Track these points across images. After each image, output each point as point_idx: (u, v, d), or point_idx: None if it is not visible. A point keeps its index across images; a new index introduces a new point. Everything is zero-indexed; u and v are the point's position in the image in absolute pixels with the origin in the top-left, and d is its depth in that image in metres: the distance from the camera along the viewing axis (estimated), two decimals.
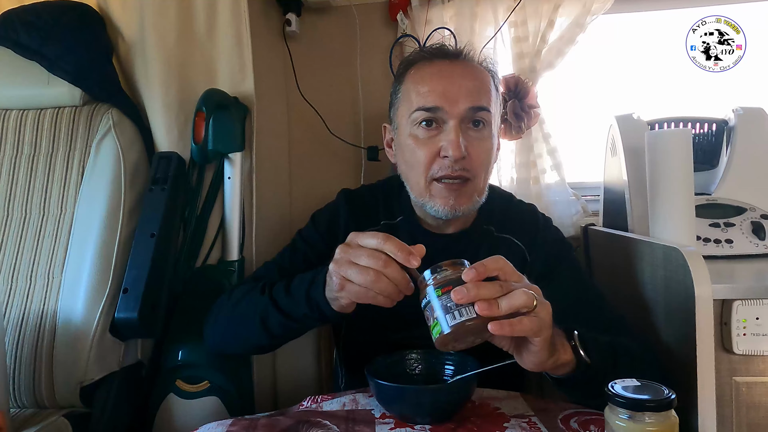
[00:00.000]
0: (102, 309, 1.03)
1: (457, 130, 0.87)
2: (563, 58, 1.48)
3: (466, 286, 0.62)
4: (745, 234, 1.23)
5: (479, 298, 0.62)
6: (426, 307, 0.66)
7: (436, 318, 0.64)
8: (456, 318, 0.62)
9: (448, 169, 0.88)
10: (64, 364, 1.01)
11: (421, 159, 0.90)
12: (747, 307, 0.93)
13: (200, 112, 1.15)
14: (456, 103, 0.88)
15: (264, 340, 0.91)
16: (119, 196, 1.11)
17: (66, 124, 1.19)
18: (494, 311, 0.61)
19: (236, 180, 1.20)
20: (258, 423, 0.78)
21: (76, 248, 1.08)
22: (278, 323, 0.86)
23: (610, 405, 0.56)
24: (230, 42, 1.22)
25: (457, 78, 0.89)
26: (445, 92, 0.88)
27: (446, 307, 0.63)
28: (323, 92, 1.57)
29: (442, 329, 0.63)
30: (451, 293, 0.62)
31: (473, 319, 0.62)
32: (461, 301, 0.62)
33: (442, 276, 0.65)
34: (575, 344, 0.71)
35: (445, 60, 0.92)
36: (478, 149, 0.90)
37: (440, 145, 0.88)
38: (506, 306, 0.62)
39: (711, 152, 1.38)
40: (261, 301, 0.88)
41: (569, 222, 1.49)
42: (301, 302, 0.82)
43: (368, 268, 0.69)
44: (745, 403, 0.95)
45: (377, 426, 0.76)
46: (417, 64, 0.94)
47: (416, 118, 0.90)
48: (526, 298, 0.63)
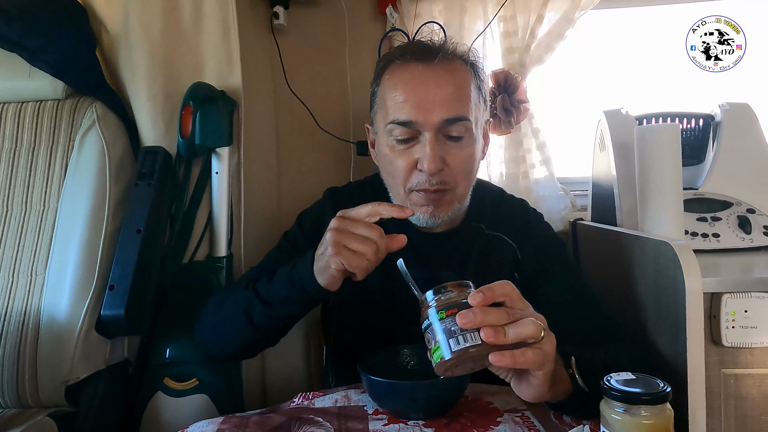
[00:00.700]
0: (87, 306, 1.01)
1: (432, 142, 0.84)
2: (552, 53, 1.48)
3: (473, 311, 0.59)
4: (731, 228, 1.25)
5: (486, 324, 0.58)
6: (427, 329, 0.62)
7: (437, 342, 0.60)
8: (460, 343, 0.59)
9: (426, 183, 0.86)
10: (49, 362, 0.99)
11: (398, 170, 0.88)
12: (736, 300, 0.94)
13: (187, 105, 1.13)
14: (431, 114, 0.84)
15: (249, 333, 0.88)
16: (104, 191, 1.09)
17: (48, 118, 1.16)
18: (500, 339, 0.58)
19: (224, 175, 1.18)
20: (249, 420, 0.77)
21: (59, 245, 1.06)
22: (261, 312, 0.84)
23: (606, 398, 0.56)
24: (217, 34, 1.20)
25: (432, 86, 0.85)
26: (419, 103, 0.85)
27: (449, 331, 0.59)
28: (312, 86, 1.56)
29: (443, 354, 0.60)
30: (456, 317, 0.59)
31: (477, 346, 0.58)
32: (467, 326, 0.58)
33: (446, 297, 0.62)
34: (572, 372, 0.69)
35: (419, 64, 0.87)
36: (457, 159, 0.87)
37: (416, 157, 0.86)
38: (513, 335, 0.59)
39: (698, 147, 1.39)
40: (244, 295, 0.87)
41: (558, 217, 1.49)
42: (283, 284, 0.82)
43: (366, 238, 0.72)
44: (733, 394, 0.96)
45: (370, 422, 0.75)
46: (392, 66, 0.90)
47: (391, 130, 0.87)
48: (535, 329, 0.60)
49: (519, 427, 0.73)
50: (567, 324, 0.89)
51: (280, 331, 0.90)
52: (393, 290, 0.94)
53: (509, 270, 0.95)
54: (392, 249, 0.74)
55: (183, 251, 1.18)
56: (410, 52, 0.89)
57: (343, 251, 0.72)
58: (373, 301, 0.95)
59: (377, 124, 0.93)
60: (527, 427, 0.73)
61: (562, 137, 1.64)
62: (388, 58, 0.92)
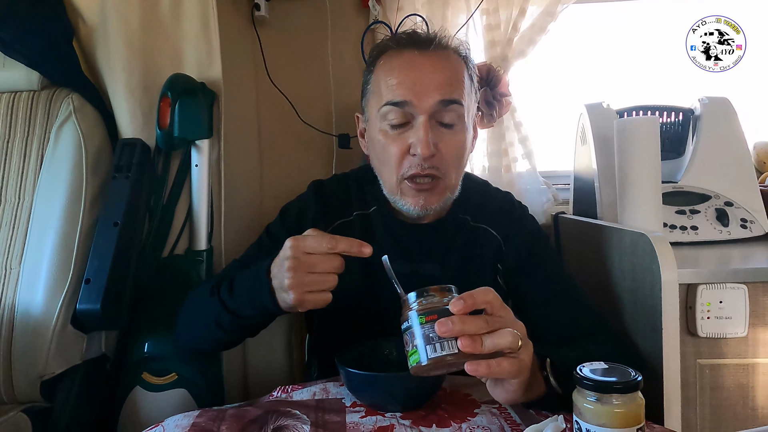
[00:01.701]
0: (63, 300, 1.00)
1: (426, 126, 0.85)
2: (535, 46, 1.48)
3: (452, 320, 0.59)
4: (709, 221, 1.26)
5: (464, 333, 0.59)
6: (406, 331, 0.62)
7: (415, 346, 0.60)
8: (437, 351, 0.59)
9: (418, 167, 0.86)
10: (23, 357, 0.98)
11: (391, 156, 0.88)
12: (711, 291, 0.96)
13: (165, 97, 1.11)
14: (425, 96, 0.85)
15: (225, 338, 0.90)
16: (80, 184, 1.08)
17: (24, 109, 1.14)
18: (477, 349, 0.58)
19: (204, 168, 1.17)
20: (226, 414, 0.76)
21: (35, 238, 1.04)
22: (230, 322, 0.85)
23: (578, 388, 0.56)
24: (196, 25, 1.18)
25: (427, 71, 0.86)
26: (414, 85, 0.86)
27: (428, 337, 0.60)
28: (294, 79, 1.55)
29: (420, 359, 0.60)
30: (435, 325, 0.59)
31: (454, 355, 0.59)
32: (445, 335, 0.59)
33: (427, 302, 0.62)
34: (547, 374, 0.69)
35: (414, 50, 0.89)
36: (449, 145, 0.88)
37: (410, 141, 0.86)
38: (490, 345, 0.59)
39: (677, 141, 1.41)
40: (211, 302, 0.86)
41: (540, 210, 1.50)
42: (245, 302, 0.81)
43: (328, 273, 0.71)
44: (708, 384, 0.98)
45: (347, 414, 0.75)
46: (387, 54, 0.91)
47: (385, 114, 0.88)
48: (512, 339, 0.60)
49: (496, 419, 0.73)
50: (549, 317, 0.90)
51: (256, 329, 0.90)
52: (375, 284, 0.94)
53: (493, 262, 0.95)
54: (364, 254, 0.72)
55: (162, 245, 1.16)
56: (405, 40, 0.90)
57: (299, 288, 0.71)
58: (356, 294, 0.95)
59: (370, 110, 0.93)
60: (504, 419, 0.73)
61: (545, 131, 1.64)
62: (383, 46, 0.93)
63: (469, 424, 0.71)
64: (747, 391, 0.97)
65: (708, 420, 0.98)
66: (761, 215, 1.28)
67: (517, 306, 0.96)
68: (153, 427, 0.73)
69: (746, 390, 0.97)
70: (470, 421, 0.72)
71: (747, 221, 1.26)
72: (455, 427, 0.70)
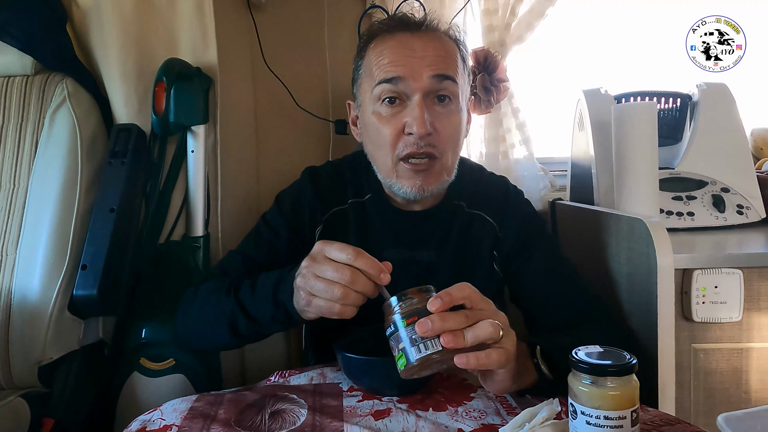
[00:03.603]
0: (59, 286, 1.00)
1: (422, 104, 0.84)
2: (533, 32, 1.47)
3: (432, 319, 0.60)
4: (706, 207, 1.26)
5: (444, 330, 0.60)
6: (391, 336, 0.63)
7: (401, 349, 0.62)
8: (422, 351, 0.60)
9: (414, 146, 0.84)
10: (21, 343, 0.97)
11: (385, 137, 0.86)
12: (706, 276, 0.96)
13: (160, 82, 1.10)
14: (419, 73, 0.84)
15: (233, 342, 0.89)
16: (76, 169, 1.07)
17: (17, 94, 1.13)
18: (460, 344, 0.60)
19: (200, 153, 1.16)
20: (224, 398, 0.77)
21: (30, 224, 1.04)
22: (246, 326, 0.82)
23: (573, 371, 0.56)
24: (191, 9, 1.17)
25: (419, 49, 0.86)
26: (407, 63, 0.85)
27: (412, 339, 0.61)
28: (290, 64, 1.53)
29: (408, 361, 0.61)
30: (415, 326, 0.60)
31: (439, 352, 0.60)
32: (426, 334, 0.60)
33: (407, 305, 0.63)
34: (537, 362, 0.71)
35: (406, 32, 0.88)
36: (445, 124, 0.86)
37: (405, 121, 0.85)
38: (472, 338, 0.60)
39: (675, 127, 1.40)
40: (228, 303, 0.84)
41: (537, 197, 1.50)
42: (268, 306, 0.79)
43: (334, 282, 0.67)
44: (703, 369, 0.99)
45: (345, 398, 0.76)
46: (378, 37, 0.90)
47: (378, 94, 0.86)
48: (492, 330, 0.61)
49: (492, 402, 0.74)
50: (546, 300, 0.90)
51: (264, 337, 0.89)
52: None
53: (489, 249, 0.95)
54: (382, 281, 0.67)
55: (159, 231, 1.16)
56: (395, 23, 0.90)
57: (313, 300, 0.69)
58: None
59: (362, 94, 0.92)
60: (500, 402, 0.74)
61: (542, 117, 1.64)
62: (373, 31, 0.92)
63: (465, 408, 0.72)
64: (741, 375, 0.98)
65: (702, 403, 0.99)
66: (757, 201, 1.28)
67: (514, 290, 0.96)
68: (151, 411, 0.74)
69: (740, 374, 0.98)
70: (466, 405, 0.73)
71: (743, 207, 1.26)
72: (452, 411, 0.71)
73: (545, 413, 0.60)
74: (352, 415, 0.71)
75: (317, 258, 0.70)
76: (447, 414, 0.70)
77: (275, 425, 0.69)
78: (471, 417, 0.69)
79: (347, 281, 0.66)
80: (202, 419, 0.70)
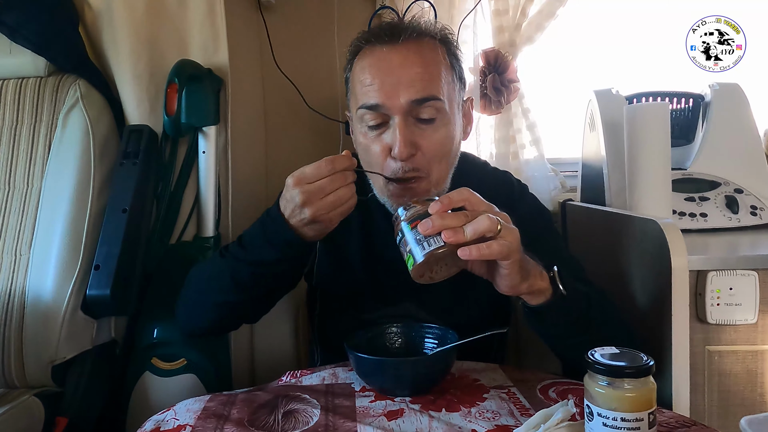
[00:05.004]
0: (73, 286, 1.00)
1: (402, 126, 0.82)
2: (543, 32, 1.47)
3: (432, 218, 0.65)
4: (719, 208, 1.25)
5: (444, 227, 0.64)
6: (400, 242, 0.70)
7: (409, 251, 0.68)
8: (425, 248, 0.65)
9: (399, 171, 0.84)
10: (35, 342, 0.98)
11: (374, 158, 0.86)
12: (721, 277, 0.95)
13: (172, 83, 1.11)
14: (396, 97, 0.81)
15: (243, 298, 0.87)
16: (88, 170, 1.08)
17: (31, 96, 1.14)
18: (459, 238, 0.64)
19: (211, 154, 1.17)
20: (236, 398, 0.77)
21: (44, 224, 1.05)
22: (250, 275, 0.83)
23: (590, 372, 0.56)
24: (202, 11, 1.17)
25: (396, 68, 0.82)
26: (383, 86, 0.82)
27: (417, 240, 0.67)
28: (300, 64, 1.53)
29: (415, 260, 0.67)
30: (418, 226, 0.66)
31: (442, 248, 0.65)
32: (427, 232, 0.65)
33: (411, 212, 0.69)
34: (553, 275, 0.74)
35: (384, 45, 0.84)
36: (430, 142, 0.84)
37: (387, 142, 0.84)
38: (471, 231, 0.64)
39: (687, 127, 1.39)
40: (223, 263, 0.86)
41: (548, 197, 1.49)
42: (264, 248, 0.81)
43: (339, 188, 0.74)
44: (717, 371, 0.98)
45: (357, 399, 0.75)
46: (361, 51, 0.88)
47: (362, 116, 0.85)
48: (489, 223, 0.65)
49: (505, 403, 0.73)
50: None
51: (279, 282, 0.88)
52: (375, 272, 0.93)
53: None
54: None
55: (170, 232, 1.17)
56: (374, 35, 0.86)
57: (322, 213, 0.74)
58: (356, 281, 0.95)
59: (352, 110, 0.91)
60: (513, 403, 0.73)
61: (553, 118, 1.63)
62: (356, 44, 0.90)
63: (478, 409, 0.71)
64: (756, 378, 0.97)
65: (716, 406, 0.98)
66: None
67: None
68: (164, 411, 0.74)
69: (755, 376, 0.97)
70: (479, 406, 0.72)
71: (757, 208, 1.25)
72: (465, 412, 0.71)
73: (560, 414, 0.60)
74: (365, 415, 0.70)
75: (303, 188, 0.73)
76: (460, 415, 0.70)
77: (288, 425, 0.68)
78: (484, 418, 0.69)
79: (347, 179, 0.74)
80: (216, 419, 0.70)
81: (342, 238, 0.92)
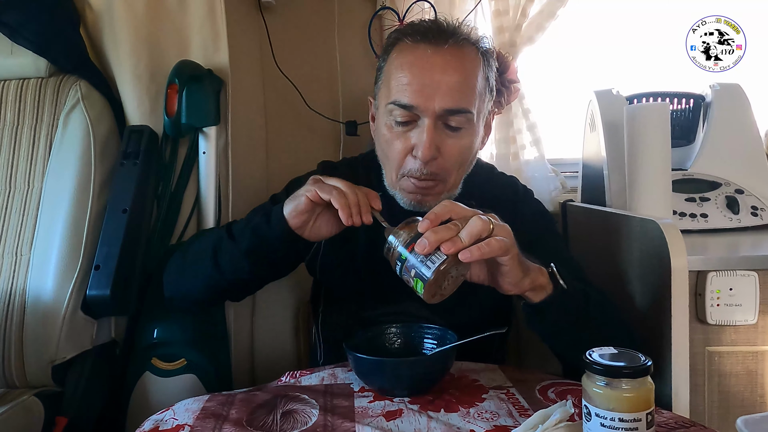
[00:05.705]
0: (73, 286, 1.00)
1: (431, 129, 0.83)
2: (543, 32, 1.47)
3: (425, 235, 0.66)
4: (719, 208, 1.25)
5: (441, 240, 0.65)
6: (402, 270, 0.69)
7: (415, 275, 0.67)
8: (430, 267, 0.66)
9: (417, 171, 0.85)
10: (35, 342, 0.98)
11: (394, 153, 0.87)
12: (721, 278, 0.95)
13: (173, 84, 1.11)
14: (432, 101, 0.82)
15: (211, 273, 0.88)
16: (89, 170, 1.08)
17: (32, 96, 1.14)
18: (458, 246, 0.65)
19: (211, 155, 1.17)
20: (235, 398, 0.77)
21: (44, 224, 1.05)
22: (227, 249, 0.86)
23: (588, 372, 0.56)
24: (203, 11, 1.17)
25: (437, 72, 0.83)
26: (422, 89, 0.82)
27: (419, 261, 0.67)
28: (300, 65, 1.54)
29: (424, 281, 0.67)
30: (415, 248, 0.67)
31: (445, 261, 0.66)
32: (425, 249, 0.66)
33: (403, 238, 0.70)
34: (552, 271, 0.75)
35: (429, 46, 0.84)
36: (452, 149, 0.85)
37: (413, 142, 0.85)
38: (467, 235, 0.66)
39: (688, 128, 1.39)
40: (216, 234, 0.90)
41: (548, 198, 1.49)
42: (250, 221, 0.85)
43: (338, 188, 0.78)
44: (717, 371, 0.97)
45: (356, 399, 0.75)
46: (401, 44, 0.88)
47: (391, 110, 0.86)
48: (482, 223, 0.66)
49: (503, 404, 0.73)
50: None
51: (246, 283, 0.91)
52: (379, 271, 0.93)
53: None
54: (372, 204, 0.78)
55: (170, 232, 1.17)
56: (421, 33, 0.86)
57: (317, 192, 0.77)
58: (358, 278, 0.95)
59: (379, 100, 0.92)
60: (512, 404, 0.73)
61: (553, 118, 1.63)
62: (399, 35, 0.89)
63: (477, 409, 0.71)
64: (756, 379, 0.97)
65: (716, 407, 0.98)
66: None
67: None
68: (163, 411, 0.74)
69: (755, 377, 0.97)
70: (478, 406, 0.72)
71: (758, 209, 1.25)
72: (463, 412, 0.71)
73: (559, 415, 0.60)
74: (364, 415, 0.70)
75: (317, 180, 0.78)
76: (459, 415, 0.70)
77: (287, 425, 0.68)
78: (483, 418, 0.69)
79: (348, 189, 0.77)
80: (214, 419, 0.70)
81: (348, 233, 0.92)
